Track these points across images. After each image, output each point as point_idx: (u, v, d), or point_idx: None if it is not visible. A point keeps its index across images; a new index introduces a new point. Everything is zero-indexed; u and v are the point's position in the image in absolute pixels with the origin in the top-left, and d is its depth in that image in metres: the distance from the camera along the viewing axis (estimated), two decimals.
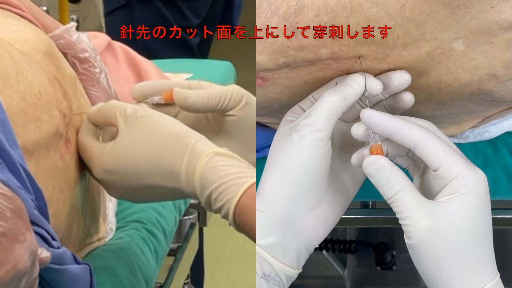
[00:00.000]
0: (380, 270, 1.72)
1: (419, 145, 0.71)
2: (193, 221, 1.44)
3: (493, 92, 0.79)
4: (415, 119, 0.75)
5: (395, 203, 0.70)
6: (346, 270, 1.76)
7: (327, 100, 0.73)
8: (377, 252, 1.72)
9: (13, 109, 0.73)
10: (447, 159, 0.70)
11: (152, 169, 0.78)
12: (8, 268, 0.59)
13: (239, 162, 0.77)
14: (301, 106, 0.78)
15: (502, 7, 0.72)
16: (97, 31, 1.48)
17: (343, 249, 1.71)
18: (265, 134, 0.92)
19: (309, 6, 0.71)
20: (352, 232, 1.74)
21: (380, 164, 0.71)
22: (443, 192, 0.70)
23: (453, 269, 0.70)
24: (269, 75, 0.78)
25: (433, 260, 0.70)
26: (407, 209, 0.70)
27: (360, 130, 0.74)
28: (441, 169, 0.70)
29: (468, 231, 0.70)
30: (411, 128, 0.71)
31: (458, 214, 0.69)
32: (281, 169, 0.73)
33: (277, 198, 0.73)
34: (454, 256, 0.70)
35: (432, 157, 0.71)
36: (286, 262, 0.74)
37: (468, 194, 0.69)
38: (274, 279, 0.73)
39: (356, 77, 0.75)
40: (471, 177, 0.70)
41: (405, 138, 0.71)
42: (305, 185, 0.73)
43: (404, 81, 0.75)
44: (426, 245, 0.70)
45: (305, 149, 0.73)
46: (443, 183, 0.70)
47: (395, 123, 0.72)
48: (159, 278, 1.15)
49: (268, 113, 0.85)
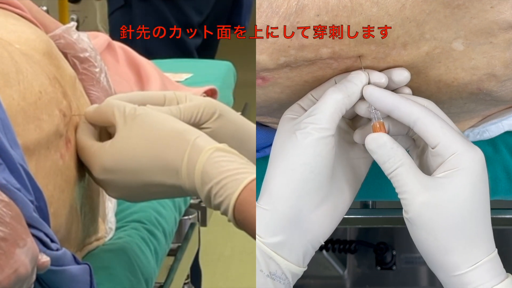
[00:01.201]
0: (380, 270, 1.73)
1: (418, 122, 0.72)
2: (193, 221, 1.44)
3: (492, 92, 0.79)
4: (417, 97, 0.76)
5: (395, 178, 0.72)
6: (346, 270, 1.76)
7: (330, 98, 0.74)
8: (377, 252, 1.72)
9: (13, 108, 0.73)
10: (445, 136, 0.72)
11: (152, 165, 0.78)
12: (8, 272, 0.59)
13: (239, 158, 0.77)
14: (300, 104, 0.78)
15: (502, 7, 0.72)
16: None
17: (343, 249, 1.72)
18: (265, 134, 0.92)
19: (310, 6, 0.71)
20: (352, 232, 1.74)
21: (382, 141, 0.73)
22: (441, 168, 0.72)
23: (449, 243, 0.71)
24: (270, 75, 0.78)
25: (429, 233, 0.71)
26: (405, 184, 0.72)
27: (363, 106, 0.75)
28: (439, 146, 0.72)
29: (465, 206, 0.71)
30: (411, 106, 0.73)
31: (455, 189, 0.71)
32: (286, 167, 0.74)
33: (283, 197, 0.74)
34: (450, 230, 0.71)
35: (431, 134, 0.72)
36: (292, 260, 0.74)
37: (465, 170, 0.71)
38: (280, 277, 0.73)
39: (359, 74, 0.75)
40: (469, 154, 0.71)
41: (405, 115, 0.73)
42: (310, 182, 0.74)
43: (404, 78, 0.76)
44: (422, 218, 0.71)
45: (310, 147, 0.73)
46: (441, 160, 0.72)
47: (396, 100, 0.73)
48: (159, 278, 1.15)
49: (268, 112, 0.85)
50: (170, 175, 0.78)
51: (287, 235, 0.74)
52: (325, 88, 0.77)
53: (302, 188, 0.73)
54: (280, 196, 0.74)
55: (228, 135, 0.86)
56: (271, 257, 0.73)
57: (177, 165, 0.77)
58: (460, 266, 0.71)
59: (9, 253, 0.59)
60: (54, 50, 0.90)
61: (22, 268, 0.61)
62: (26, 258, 0.61)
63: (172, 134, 0.78)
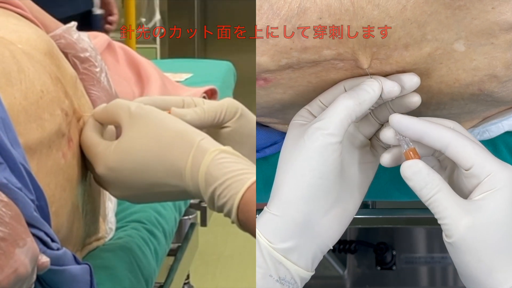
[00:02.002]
0: (380, 270, 1.73)
1: (450, 147, 0.72)
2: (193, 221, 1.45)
3: (493, 93, 0.79)
4: (441, 120, 0.76)
5: (433, 204, 0.72)
6: (346, 270, 1.76)
7: (342, 104, 0.74)
8: (377, 252, 1.72)
9: (15, 107, 0.73)
10: (479, 157, 0.72)
11: (157, 166, 0.78)
12: (8, 272, 0.59)
13: (243, 160, 0.78)
14: (308, 109, 0.78)
15: (503, 8, 0.72)
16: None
17: (343, 249, 1.72)
18: (265, 134, 0.92)
19: (312, 9, 0.71)
20: (352, 232, 1.74)
21: (417, 168, 0.73)
22: (478, 190, 0.72)
23: (493, 262, 0.71)
24: (271, 76, 0.77)
25: (474, 256, 0.71)
26: (445, 209, 0.72)
27: (390, 134, 0.75)
28: (473, 168, 0.72)
29: (505, 225, 0.71)
30: (440, 130, 0.73)
31: (496, 210, 0.71)
32: (295, 173, 0.74)
33: (293, 202, 0.74)
34: (494, 250, 0.71)
35: (463, 157, 0.72)
36: (301, 265, 0.74)
37: (502, 190, 0.71)
38: (289, 282, 0.74)
39: (372, 82, 0.75)
40: (504, 173, 0.72)
41: (436, 140, 0.73)
42: (319, 188, 0.74)
43: (414, 83, 0.76)
44: (466, 242, 0.71)
45: (318, 153, 0.73)
46: (476, 181, 0.72)
47: (424, 126, 0.73)
48: (159, 278, 1.15)
49: (269, 113, 0.85)
50: (174, 175, 0.78)
51: (297, 241, 0.74)
52: (333, 93, 0.77)
53: (311, 193, 0.73)
54: (290, 202, 0.74)
55: (246, 134, 0.87)
56: (281, 262, 0.73)
57: (182, 166, 0.77)
58: (502, 284, 0.71)
59: (8, 253, 0.60)
60: (55, 50, 0.90)
61: (22, 268, 0.61)
62: (26, 258, 0.61)
63: (177, 136, 0.79)
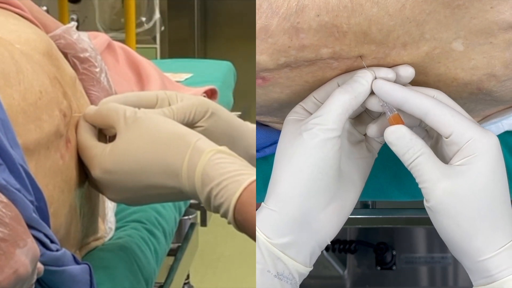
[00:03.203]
0: (380, 270, 1.73)
1: (429, 114, 0.73)
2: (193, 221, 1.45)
3: (492, 92, 0.79)
4: (425, 88, 0.76)
5: (415, 168, 0.73)
6: (346, 270, 1.76)
7: (337, 99, 0.74)
8: (377, 252, 1.72)
9: (13, 108, 0.73)
10: (458, 124, 0.72)
11: (153, 167, 0.78)
12: (8, 273, 0.59)
13: (239, 160, 0.78)
14: (303, 106, 0.78)
15: (502, 7, 0.72)
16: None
17: (343, 249, 1.72)
18: (265, 134, 0.92)
19: (310, 6, 0.71)
20: (352, 232, 1.74)
21: (400, 133, 0.73)
22: (458, 156, 0.72)
23: (472, 228, 0.71)
24: (270, 75, 0.78)
25: (452, 220, 0.72)
26: (425, 173, 0.72)
27: (374, 101, 0.76)
28: (453, 135, 0.72)
29: (486, 191, 0.71)
30: (420, 98, 0.73)
31: (475, 175, 0.71)
32: (294, 168, 0.74)
33: (291, 197, 0.74)
34: (473, 216, 0.71)
35: (443, 125, 0.73)
36: (299, 260, 0.74)
37: (482, 156, 0.71)
38: (288, 277, 0.74)
39: (365, 73, 0.75)
40: (484, 139, 0.72)
41: (415, 107, 0.73)
42: (318, 183, 0.74)
43: (410, 73, 0.76)
44: (444, 206, 0.72)
45: (317, 148, 0.73)
46: (457, 148, 0.72)
47: (406, 93, 0.74)
48: (159, 278, 1.15)
49: (268, 112, 0.85)
50: (171, 177, 0.78)
51: (295, 236, 0.74)
52: (327, 89, 0.77)
53: (310, 188, 0.74)
54: (288, 197, 0.74)
55: (220, 133, 0.87)
56: (279, 257, 0.73)
57: (178, 167, 0.77)
58: (484, 251, 0.71)
59: (9, 254, 0.60)
60: (54, 50, 0.90)
61: (22, 268, 0.61)
62: (26, 258, 0.61)
63: (173, 137, 0.79)
